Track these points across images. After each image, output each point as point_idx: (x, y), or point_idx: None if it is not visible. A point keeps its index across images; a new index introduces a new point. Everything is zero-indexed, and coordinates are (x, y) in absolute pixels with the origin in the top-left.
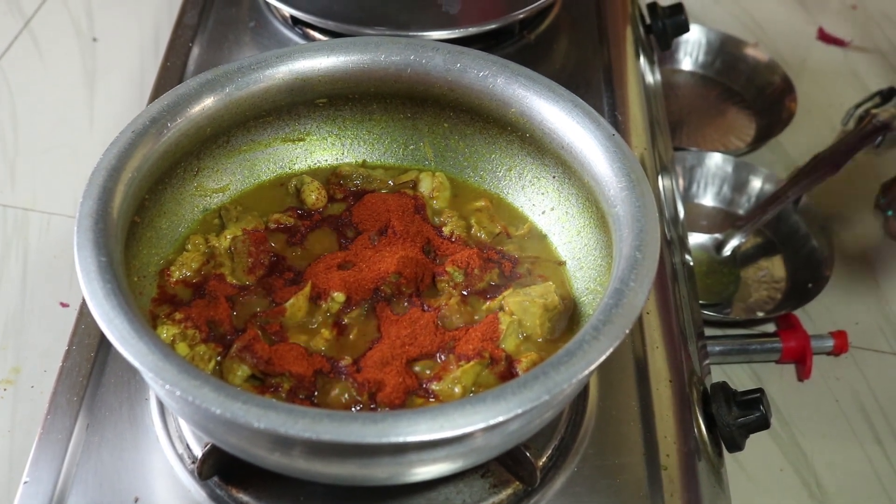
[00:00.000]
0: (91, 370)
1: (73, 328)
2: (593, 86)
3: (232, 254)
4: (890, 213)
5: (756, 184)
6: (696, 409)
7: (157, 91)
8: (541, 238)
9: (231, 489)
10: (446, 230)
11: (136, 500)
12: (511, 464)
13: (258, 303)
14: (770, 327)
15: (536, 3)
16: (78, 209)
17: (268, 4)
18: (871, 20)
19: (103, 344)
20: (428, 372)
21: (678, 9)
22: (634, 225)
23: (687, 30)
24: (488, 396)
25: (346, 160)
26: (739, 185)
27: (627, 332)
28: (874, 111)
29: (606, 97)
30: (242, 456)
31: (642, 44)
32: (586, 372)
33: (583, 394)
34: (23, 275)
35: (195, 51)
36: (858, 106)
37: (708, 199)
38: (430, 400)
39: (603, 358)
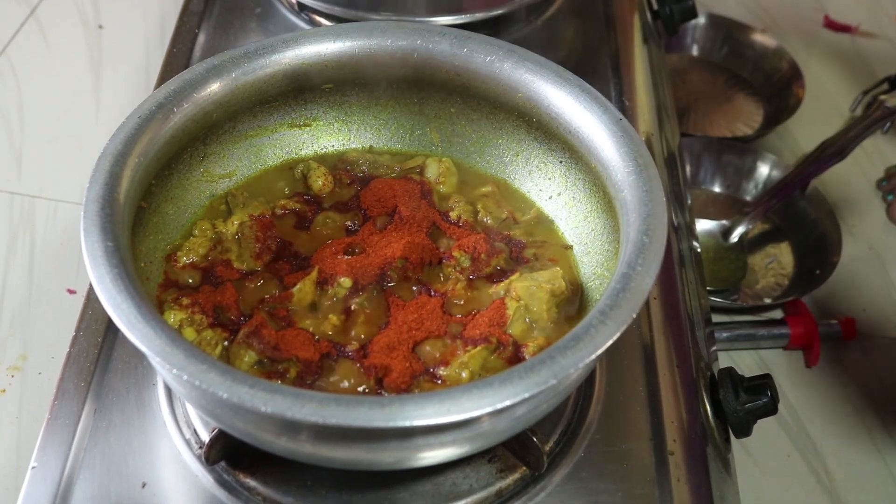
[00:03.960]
0: (98, 356)
1: (80, 314)
2: (600, 71)
3: (239, 239)
4: (891, 197)
5: (763, 170)
6: (704, 394)
7: (164, 77)
8: (548, 223)
9: (238, 474)
10: (453, 215)
11: (144, 485)
12: (518, 449)
13: (265, 288)
14: (777, 313)
15: None
16: (84, 194)
17: None
18: (878, 6)
19: (110, 329)
20: (435, 354)
21: None
22: (641, 209)
23: (694, 16)
24: (495, 381)
25: (353, 146)
26: (747, 171)
27: (634, 316)
28: (882, 97)
29: (613, 83)
30: (249, 441)
31: (649, 29)
32: (593, 356)
33: (590, 379)
34: (30, 262)
35: (201, 37)
36: (866, 92)
37: (715, 186)
38: (437, 384)
39: (610, 342)
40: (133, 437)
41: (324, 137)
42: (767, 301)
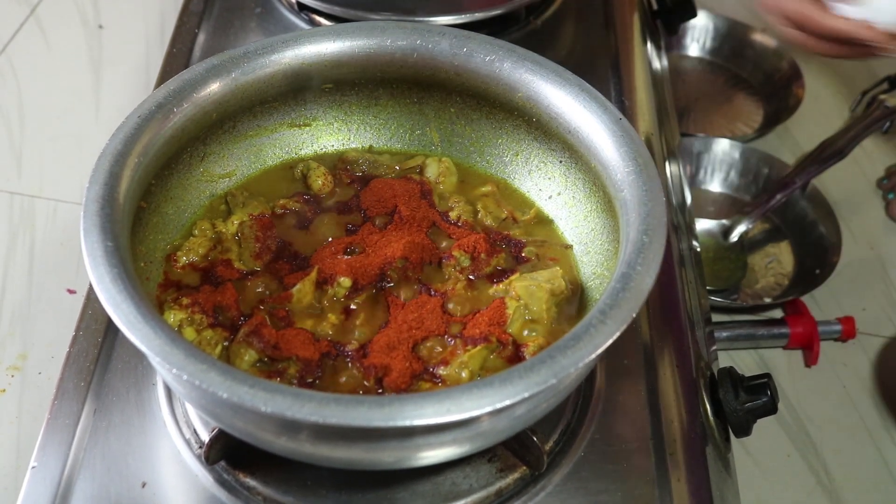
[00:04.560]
0: (98, 355)
1: (79, 314)
2: (600, 71)
3: (239, 239)
4: (891, 195)
5: (763, 170)
6: (703, 394)
7: (164, 77)
8: (547, 223)
9: (238, 474)
10: (453, 215)
11: (144, 484)
12: (518, 448)
13: (265, 288)
14: (777, 313)
15: None
16: (84, 194)
17: None
18: None
19: (110, 329)
20: (435, 354)
21: None
22: (641, 209)
23: (694, 15)
24: (495, 380)
25: (353, 145)
26: (747, 171)
27: (634, 316)
28: (882, 97)
29: (613, 83)
30: (249, 440)
31: (649, 29)
32: (593, 356)
33: (590, 378)
34: (30, 262)
35: (201, 37)
36: (866, 92)
37: (715, 185)
38: (437, 383)
39: (610, 342)
40: (133, 437)
41: (323, 137)
42: (767, 300)
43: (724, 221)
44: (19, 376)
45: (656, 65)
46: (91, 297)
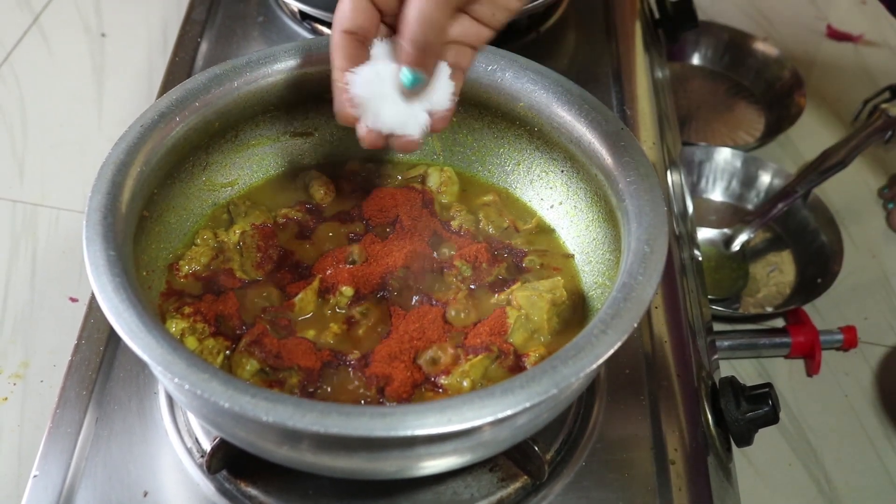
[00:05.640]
0: (100, 364)
1: (82, 322)
2: (602, 81)
3: (240, 248)
4: (891, 205)
5: (765, 179)
6: (705, 403)
7: (166, 86)
8: (549, 232)
9: (240, 483)
10: (454, 224)
11: (146, 493)
12: (519, 458)
13: (267, 297)
14: (779, 322)
15: None
16: (87, 203)
17: None
18: (880, 14)
19: (112, 338)
20: (436, 363)
21: (686, 3)
22: (643, 219)
23: (695, 24)
24: (497, 390)
25: (355, 155)
26: (748, 180)
27: (636, 325)
28: (884, 106)
29: (615, 92)
30: (251, 450)
31: (651, 38)
32: (594, 366)
33: (591, 388)
34: (32, 270)
35: (203, 46)
36: (868, 101)
37: (717, 194)
38: (439, 393)
39: (611, 352)
40: (135, 446)
41: (326, 146)
42: (769, 310)
43: (726, 230)
44: (21, 384)
45: (658, 74)
46: (93, 305)
